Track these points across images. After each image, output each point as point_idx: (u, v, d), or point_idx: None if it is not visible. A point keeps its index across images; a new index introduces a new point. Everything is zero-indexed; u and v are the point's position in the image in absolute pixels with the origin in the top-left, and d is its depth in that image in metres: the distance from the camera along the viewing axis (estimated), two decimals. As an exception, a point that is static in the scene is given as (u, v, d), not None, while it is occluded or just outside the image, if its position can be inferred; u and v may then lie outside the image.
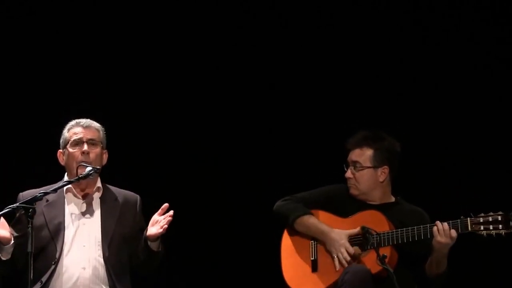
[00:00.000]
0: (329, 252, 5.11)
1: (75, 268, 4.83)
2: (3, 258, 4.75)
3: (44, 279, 4.79)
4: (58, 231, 4.86)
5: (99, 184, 5.02)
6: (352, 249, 5.04)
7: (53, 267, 4.80)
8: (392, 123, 5.88)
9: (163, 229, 4.79)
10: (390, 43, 6.37)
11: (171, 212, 4.80)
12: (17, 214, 4.80)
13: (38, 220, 4.78)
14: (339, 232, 5.10)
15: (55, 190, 4.72)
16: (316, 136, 6.37)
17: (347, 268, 4.99)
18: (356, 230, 5.07)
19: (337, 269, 5.04)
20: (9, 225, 4.76)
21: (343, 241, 5.06)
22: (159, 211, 4.85)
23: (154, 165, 6.38)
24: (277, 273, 5.23)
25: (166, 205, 4.84)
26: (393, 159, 5.23)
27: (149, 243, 4.86)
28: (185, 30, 6.52)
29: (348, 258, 5.03)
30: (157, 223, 4.83)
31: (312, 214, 5.21)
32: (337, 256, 5.06)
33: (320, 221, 5.18)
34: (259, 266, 5.99)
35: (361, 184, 5.22)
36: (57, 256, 4.82)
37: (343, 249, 5.04)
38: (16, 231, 4.79)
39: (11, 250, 4.75)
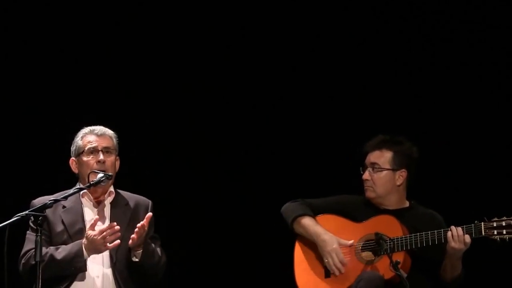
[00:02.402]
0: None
1: (91, 275, 4.77)
2: None
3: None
4: (79, 238, 4.77)
5: (111, 189, 4.97)
6: (342, 257, 5.02)
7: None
8: (402, 126, 5.88)
9: (132, 239, 4.69)
10: (396, 46, 6.36)
11: (144, 221, 4.68)
12: (29, 222, 4.73)
13: (57, 226, 4.82)
14: (332, 237, 5.08)
15: (65, 197, 4.67)
16: (327, 137, 6.36)
17: (361, 275, 4.96)
18: (365, 236, 5.07)
19: (336, 274, 5.01)
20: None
21: (335, 245, 5.04)
22: (144, 220, 4.75)
23: (162, 170, 6.37)
24: (290, 279, 5.22)
25: (149, 214, 4.77)
26: (411, 163, 5.21)
27: (131, 253, 4.78)
28: (195, 38, 6.50)
29: (339, 265, 5.01)
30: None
31: (312, 216, 5.18)
32: (328, 261, 5.04)
33: (318, 223, 5.15)
34: (272, 271, 5.99)
35: (378, 187, 5.18)
36: None
37: (334, 254, 5.02)
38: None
39: None
